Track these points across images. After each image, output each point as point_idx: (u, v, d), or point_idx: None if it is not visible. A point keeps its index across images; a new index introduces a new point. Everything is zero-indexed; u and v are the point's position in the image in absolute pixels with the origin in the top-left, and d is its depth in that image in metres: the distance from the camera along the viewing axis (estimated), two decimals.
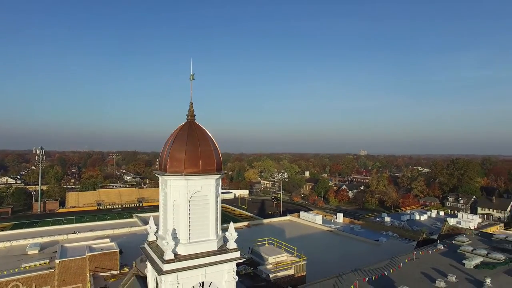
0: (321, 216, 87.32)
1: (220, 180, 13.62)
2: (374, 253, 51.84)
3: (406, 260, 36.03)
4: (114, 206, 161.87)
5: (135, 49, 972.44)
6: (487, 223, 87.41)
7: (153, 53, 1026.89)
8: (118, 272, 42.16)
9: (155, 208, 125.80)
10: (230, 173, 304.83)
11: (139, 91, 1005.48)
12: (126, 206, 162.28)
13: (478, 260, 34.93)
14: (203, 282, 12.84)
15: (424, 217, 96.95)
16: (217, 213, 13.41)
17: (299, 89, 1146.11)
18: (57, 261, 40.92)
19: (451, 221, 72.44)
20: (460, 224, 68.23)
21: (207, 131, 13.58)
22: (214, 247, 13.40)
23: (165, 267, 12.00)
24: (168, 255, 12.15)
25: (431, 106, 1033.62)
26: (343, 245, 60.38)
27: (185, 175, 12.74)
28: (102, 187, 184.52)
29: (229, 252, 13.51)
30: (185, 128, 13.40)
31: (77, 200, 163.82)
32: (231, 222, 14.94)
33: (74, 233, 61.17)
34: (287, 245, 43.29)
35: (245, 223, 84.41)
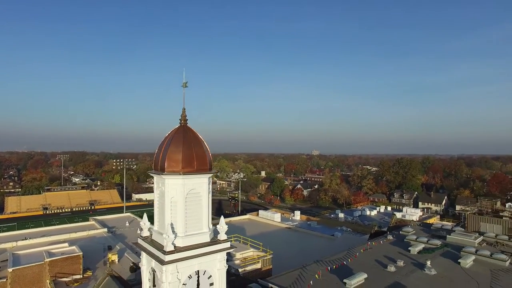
0: (280, 214, 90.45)
1: (211, 178, 15.01)
2: (331, 247, 55.54)
3: (362, 250, 39.66)
4: (63, 210, 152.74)
5: (72, 44, 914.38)
6: (427, 215, 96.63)
7: (95, 49, 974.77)
8: (81, 276, 41.10)
9: (109, 211, 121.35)
10: None
11: (86, 88, 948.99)
12: (77, 209, 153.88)
13: (420, 246, 39.51)
14: (198, 271, 14.19)
15: (373, 213, 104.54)
16: (208, 208, 14.80)
17: (254, 90, 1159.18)
18: (9, 270, 38.69)
19: (398, 215, 79.37)
20: (405, 217, 75.04)
21: (198, 134, 14.94)
22: (207, 238, 14.77)
23: (167, 258, 13.15)
24: (169, 247, 13.30)
25: (379, 108, 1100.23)
26: (302, 241, 63.62)
27: (182, 174, 13.99)
28: (49, 190, 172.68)
29: (220, 243, 14.97)
30: (180, 131, 14.62)
31: (19, 205, 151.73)
32: (222, 216, 16.34)
33: (25, 239, 57.74)
34: (253, 241, 45.15)
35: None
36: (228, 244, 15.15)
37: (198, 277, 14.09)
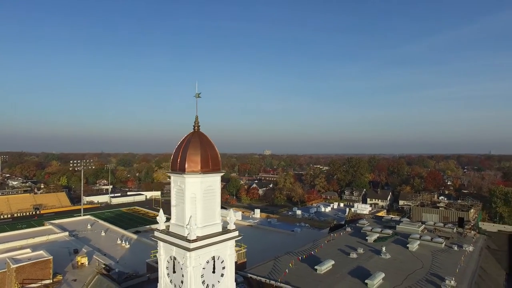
0: (240, 212, 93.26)
1: (221, 177, 17.30)
2: (292, 241, 59.42)
3: (326, 241, 43.91)
4: (3, 216, 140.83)
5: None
6: (375, 210, 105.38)
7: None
8: (51, 281, 40.28)
9: (57, 215, 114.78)
10: (137, 174, 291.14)
11: (27, 85, 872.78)
12: (19, 215, 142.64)
13: (375, 236, 44.76)
14: (214, 256, 16.38)
15: (328, 209, 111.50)
16: (219, 202, 17.10)
17: (204, 89, 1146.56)
18: None
19: (351, 210, 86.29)
20: (357, 212, 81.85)
21: (210, 138, 17.13)
22: (219, 228, 17.02)
23: (192, 245, 15.13)
24: (193, 236, 15.30)
25: (328, 110, 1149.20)
26: (265, 237, 66.90)
27: (201, 174, 16.09)
28: None
29: (231, 232, 17.30)
30: (195, 136, 16.67)
31: None
32: (231, 209, 18.60)
33: None
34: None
35: (168, 223, 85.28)
36: (236, 233, 17.58)
37: (214, 261, 16.32)
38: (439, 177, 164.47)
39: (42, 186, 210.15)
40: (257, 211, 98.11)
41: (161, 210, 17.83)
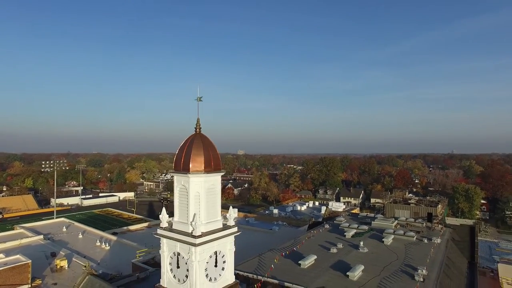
0: None
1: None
2: (272, 239, 61.06)
3: (306, 238, 45.69)
4: None
5: None
6: (349, 208, 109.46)
7: None
8: (30, 285, 39.37)
9: (23, 219, 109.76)
10: (109, 174, 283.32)
11: None
12: None
13: (353, 231, 47.08)
14: (216, 251, 17.34)
15: (303, 208, 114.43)
16: (220, 200, 18.12)
17: (178, 88, 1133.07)
18: None
19: (325, 209, 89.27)
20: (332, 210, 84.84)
21: (211, 140, 18.09)
22: (220, 225, 17.99)
23: (198, 241, 15.97)
24: (198, 232, 16.15)
25: (300, 110, 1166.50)
26: (244, 235, 67.29)
27: (205, 173, 17.00)
28: None
29: (231, 228, 18.31)
30: (198, 138, 17.53)
31: None
32: (231, 206, 19.59)
33: None
34: None
35: (145, 224, 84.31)
36: (236, 229, 18.64)
37: (216, 256, 17.28)
38: (407, 175, 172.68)
39: (4, 189, 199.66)
40: (235, 210, 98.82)
41: (163, 209, 18.58)
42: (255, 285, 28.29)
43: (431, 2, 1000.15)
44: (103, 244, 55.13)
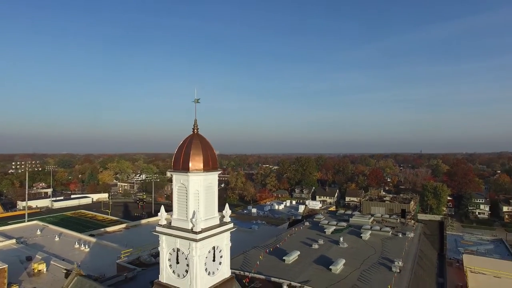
0: None
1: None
2: (252, 238, 61.96)
3: (288, 235, 47.11)
4: None
5: None
6: (325, 206, 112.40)
7: None
8: None
9: None
10: (80, 175, 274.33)
11: None
12: None
13: (332, 228, 49.02)
14: (214, 246, 18.07)
15: (281, 207, 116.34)
16: (217, 197, 18.91)
17: (153, 87, 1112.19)
18: None
19: (302, 208, 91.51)
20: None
21: (208, 140, 18.82)
22: (217, 221, 18.72)
23: (198, 237, 16.59)
24: (198, 228, 16.78)
25: (275, 110, 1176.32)
26: None
27: (203, 172, 17.69)
28: None
29: (227, 224, 19.11)
30: (196, 138, 18.17)
31: None
32: (227, 204, 20.34)
33: None
34: None
35: (123, 225, 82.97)
36: (232, 225, 19.46)
37: (214, 251, 18.03)
38: (380, 174, 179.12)
39: None
40: None
41: (162, 207, 19.15)
42: (243, 281, 29.18)
43: (400, 7, 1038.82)
44: (82, 246, 54.05)
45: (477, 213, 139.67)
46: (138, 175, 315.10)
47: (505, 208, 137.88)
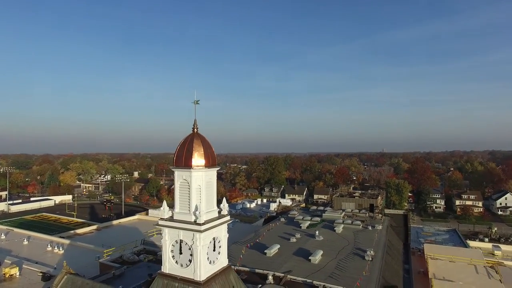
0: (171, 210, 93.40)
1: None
2: (229, 234, 63.18)
3: (266, 230, 49.05)
4: None
5: None
6: (295, 204, 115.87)
7: None
8: None
9: None
10: (39, 177, 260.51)
11: None
12: None
13: (307, 223, 51.62)
14: (214, 237, 19.40)
15: (252, 205, 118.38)
16: (215, 192, 20.30)
17: (118, 85, 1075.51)
18: None
19: (274, 205, 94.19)
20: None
21: (207, 139, 20.11)
22: (216, 214, 20.05)
23: (202, 228, 17.79)
24: (202, 220, 17.99)
25: (240, 109, 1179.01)
26: None
27: (205, 168, 18.95)
28: None
29: (225, 217, 20.51)
30: (197, 137, 19.35)
31: None
32: (224, 198, 21.66)
33: None
34: None
35: (94, 227, 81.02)
36: (228, 217, 20.90)
37: (214, 241, 19.35)
38: (346, 173, 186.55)
39: None
40: None
41: (164, 202, 20.18)
42: None
43: (366, 10, 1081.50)
44: (56, 248, 52.64)
45: (434, 208, 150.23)
46: (103, 175, 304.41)
47: (457, 202, 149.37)
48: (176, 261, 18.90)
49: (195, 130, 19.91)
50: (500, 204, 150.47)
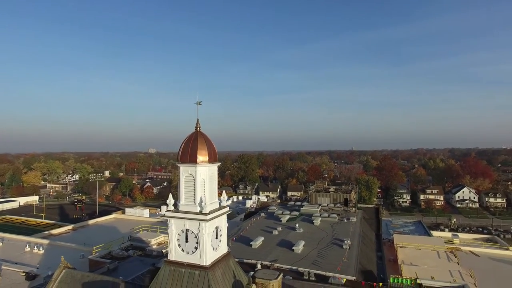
0: (148, 210, 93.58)
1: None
2: None
3: (249, 225, 51.23)
4: None
5: None
6: (271, 201, 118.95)
7: None
8: None
9: None
10: None
11: None
12: None
13: (287, 217, 54.33)
14: (216, 226, 21.23)
15: (229, 202, 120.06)
16: (216, 185, 22.19)
17: (84, 84, 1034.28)
18: None
19: (250, 202, 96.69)
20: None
21: (208, 136, 21.89)
22: (218, 205, 21.93)
23: (208, 217, 19.56)
24: (207, 210, 19.76)
25: (213, 108, 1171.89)
26: None
27: (208, 164, 20.72)
28: None
29: (225, 208, 22.41)
30: (200, 135, 21.05)
31: None
32: (224, 190, 23.49)
33: None
34: (164, 228, 49.90)
35: (69, 227, 79.46)
36: (228, 208, 22.85)
37: (217, 230, 21.17)
38: (318, 170, 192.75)
39: None
40: (164, 207, 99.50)
41: (170, 195, 21.77)
42: None
43: (325, 15, 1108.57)
44: (36, 248, 51.88)
45: (401, 202, 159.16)
46: (70, 175, 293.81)
47: (422, 196, 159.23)
48: (182, 249, 20.58)
49: (198, 128, 21.67)
50: (458, 197, 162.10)
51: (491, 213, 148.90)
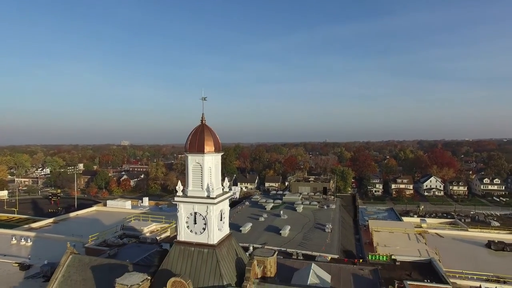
0: (130, 201, 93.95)
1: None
2: None
3: (236, 213, 53.86)
4: None
5: None
6: (251, 191, 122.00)
7: None
8: None
9: None
10: None
11: None
12: None
13: (271, 205, 57.46)
14: (221, 209, 23.63)
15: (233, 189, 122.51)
16: (220, 172, 24.57)
17: (53, 75, 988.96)
18: None
19: (230, 193, 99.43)
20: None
21: (212, 128, 24.12)
22: (221, 191, 24.33)
23: (215, 201, 21.92)
24: (214, 195, 22.10)
25: (186, 99, 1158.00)
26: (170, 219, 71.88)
27: (214, 153, 22.97)
28: None
29: (228, 193, 24.84)
30: (206, 127, 23.12)
31: None
32: (226, 178, 25.85)
33: None
34: (154, 216, 51.69)
35: (50, 220, 78.84)
36: (231, 193, 25.34)
37: (221, 213, 23.57)
38: (294, 161, 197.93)
39: None
40: (146, 199, 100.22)
41: (179, 182, 23.89)
42: None
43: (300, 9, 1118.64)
44: (23, 241, 52.04)
45: (374, 191, 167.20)
46: (40, 169, 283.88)
47: (393, 186, 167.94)
48: (191, 230, 22.90)
49: (203, 121, 23.87)
50: (426, 186, 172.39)
51: (454, 200, 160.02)
